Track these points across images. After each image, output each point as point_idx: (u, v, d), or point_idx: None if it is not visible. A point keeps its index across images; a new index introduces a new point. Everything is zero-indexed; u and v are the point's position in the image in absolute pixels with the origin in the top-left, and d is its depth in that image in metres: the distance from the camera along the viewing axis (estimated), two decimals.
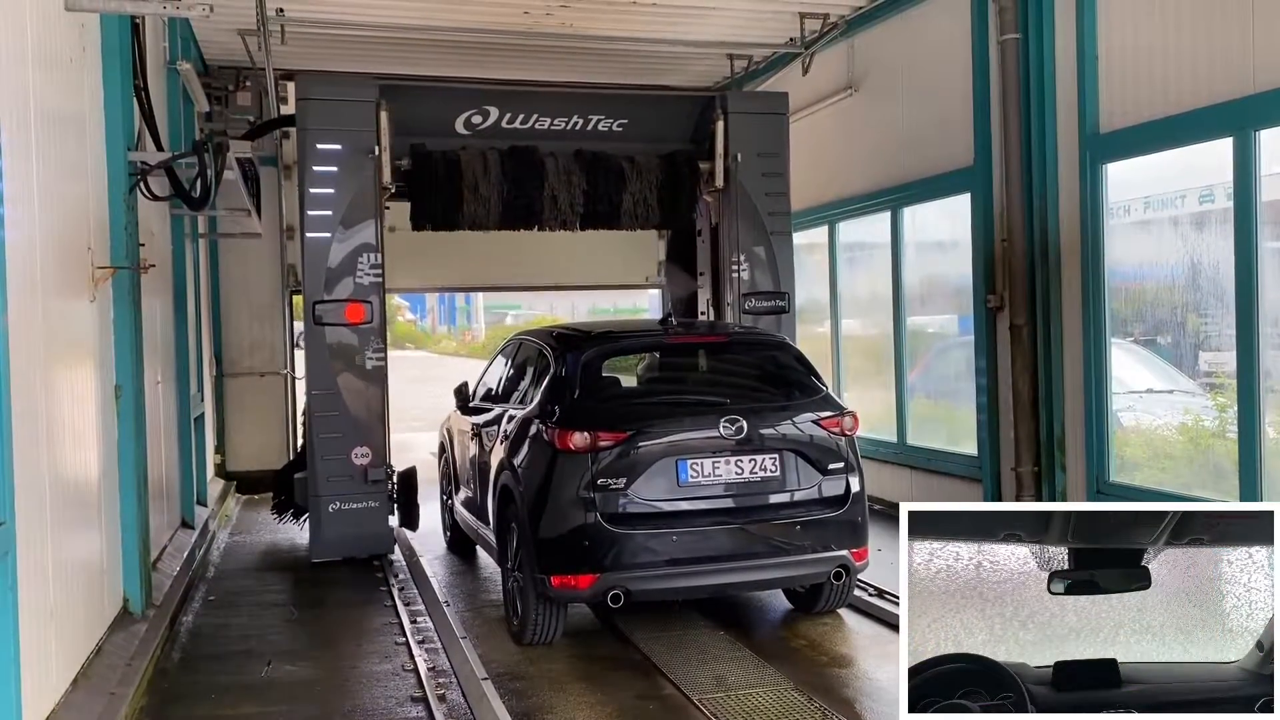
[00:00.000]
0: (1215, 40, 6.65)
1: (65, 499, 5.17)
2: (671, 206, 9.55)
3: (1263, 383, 6.38)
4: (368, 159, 8.45)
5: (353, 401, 8.42)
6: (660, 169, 9.47)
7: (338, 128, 8.41)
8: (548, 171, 9.13)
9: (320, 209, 8.37)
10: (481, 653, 6.11)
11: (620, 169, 9.33)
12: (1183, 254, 7.22)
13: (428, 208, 9.06)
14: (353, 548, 8.52)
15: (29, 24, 4.82)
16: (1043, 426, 8.10)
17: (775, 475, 6.25)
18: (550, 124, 9.39)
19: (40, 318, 4.80)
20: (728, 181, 9.38)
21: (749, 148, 9.36)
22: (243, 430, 12.75)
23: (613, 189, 9.30)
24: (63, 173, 5.39)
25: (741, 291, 9.33)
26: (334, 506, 8.39)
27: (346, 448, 8.41)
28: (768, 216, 9.40)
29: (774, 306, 9.41)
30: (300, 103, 8.54)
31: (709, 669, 5.92)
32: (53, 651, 4.77)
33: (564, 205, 9.22)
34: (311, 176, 8.39)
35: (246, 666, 6.12)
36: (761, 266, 9.41)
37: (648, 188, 9.40)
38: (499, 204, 9.08)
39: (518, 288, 17.74)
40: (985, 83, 8.64)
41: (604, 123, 9.52)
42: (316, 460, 8.41)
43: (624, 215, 9.45)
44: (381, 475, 8.52)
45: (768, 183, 9.43)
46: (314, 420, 8.47)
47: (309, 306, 8.40)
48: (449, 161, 8.99)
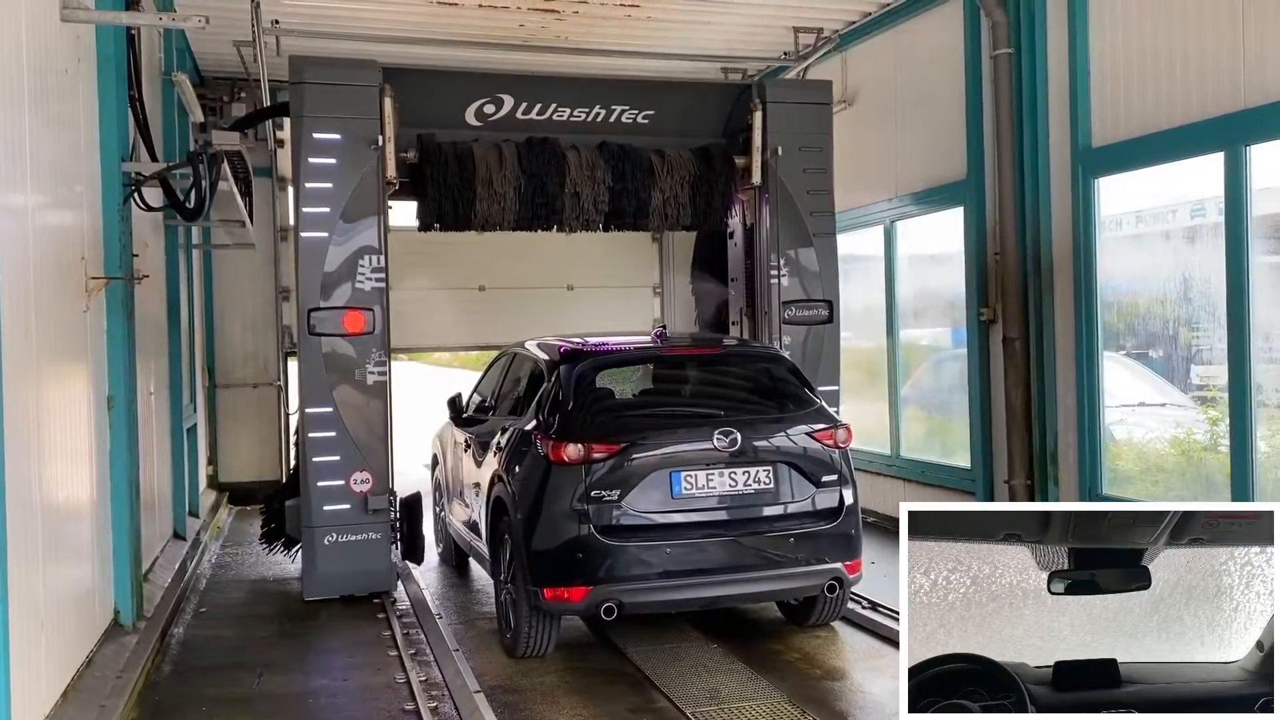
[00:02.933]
0: (1206, 56, 6.70)
1: (56, 510, 5.15)
2: (705, 205, 8.76)
3: (1254, 396, 6.41)
4: (370, 150, 7.61)
5: (352, 420, 7.58)
6: (693, 163, 8.69)
7: (337, 115, 7.58)
8: (570, 165, 8.32)
9: (317, 205, 7.55)
10: (474, 665, 6.10)
11: (649, 163, 8.55)
12: (1174, 268, 7.26)
13: (437, 205, 8.19)
14: (351, 584, 7.66)
15: (24, 34, 4.82)
16: (1036, 439, 8.11)
17: (769, 487, 6.25)
18: (569, 115, 8.61)
19: (34, 328, 4.79)
20: (766, 177, 8.60)
21: (790, 140, 8.57)
22: (235, 441, 12.70)
23: (641, 185, 8.51)
24: (57, 183, 5.38)
25: (782, 299, 8.55)
26: (330, 538, 7.53)
27: (344, 472, 7.57)
28: (809, 216, 8.63)
29: (816, 315, 8.62)
30: (295, 87, 7.64)
31: (702, 682, 5.91)
32: (43, 664, 4.74)
33: (587, 203, 8.40)
34: (307, 169, 7.55)
35: (238, 679, 6.09)
36: (802, 271, 8.63)
37: (679, 184, 8.62)
38: (515, 201, 8.25)
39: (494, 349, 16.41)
40: (978, 97, 8.69)
41: (628, 114, 8.71)
42: (310, 486, 7.54)
43: (653, 214, 8.67)
44: (384, 503, 7.67)
45: (810, 179, 8.65)
46: (308, 441, 7.58)
47: (303, 314, 7.57)
48: (460, 154, 8.18)
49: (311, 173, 7.56)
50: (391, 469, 7.85)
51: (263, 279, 12.62)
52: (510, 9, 9.54)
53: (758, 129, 8.57)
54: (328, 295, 7.56)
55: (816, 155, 8.68)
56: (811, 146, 8.66)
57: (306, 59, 7.86)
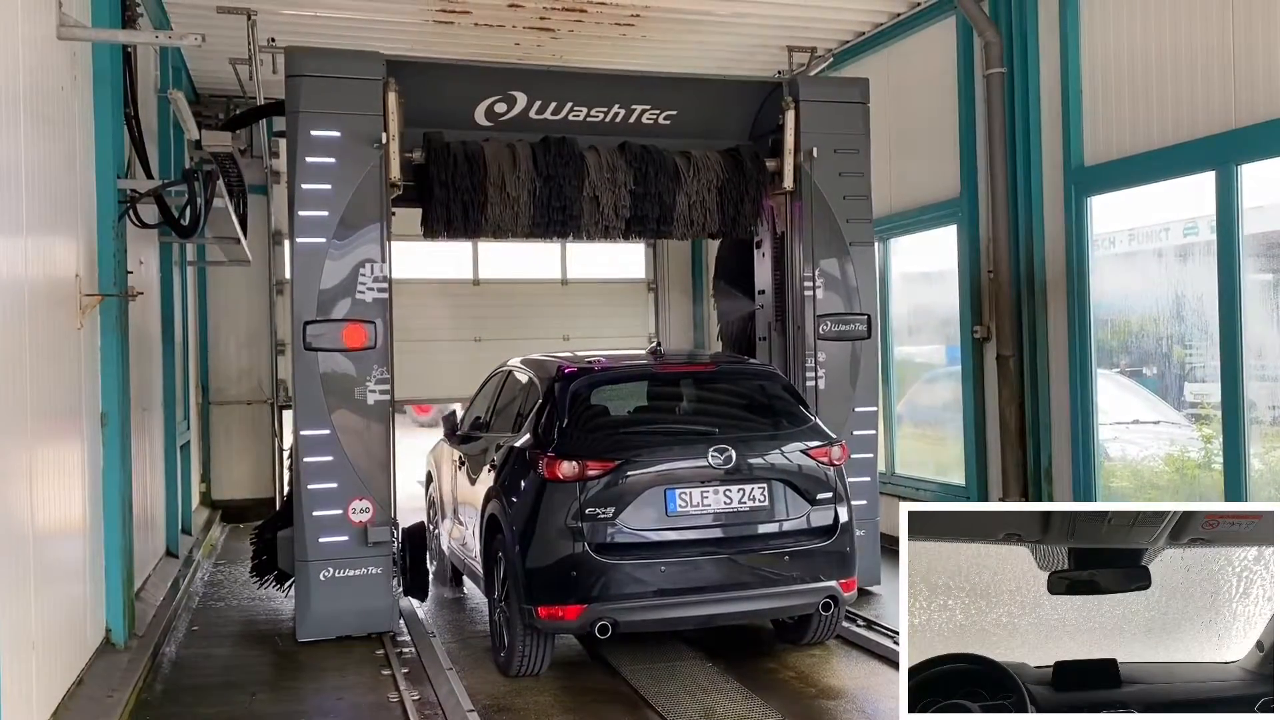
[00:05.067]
0: (1197, 75, 6.76)
1: (49, 528, 5.13)
2: (734, 211, 8.15)
3: (1247, 414, 6.43)
4: (372, 149, 7.03)
5: (351, 444, 6.97)
6: (721, 166, 8.08)
7: (336, 111, 7.00)
8: (589, 167, 7.72)
9: (314, 209, 6.97)
10: (468, 684, 6.07)
11: (674, 165, 7.94)
12: (1167, 286, 7.30)
13: (444, 210, 7.52)
14: (349, 624, 7.04)
15: (21, 52, 4.83)
16: (1030, 457, 8.13)
17: (764, 505, 6.24)
18: (587, 114, 8.02)
19: (27, 345, 4.78)
20: (798, 182, 8.03)
21: (825, 142, 7.99)
22: (228, 459, 12.69)
23: (665, 189, 7.86)
24: (52, 200, 5.38)
25: (817, 313, 8.00)
26: (326, 574, 6.91)
27: (342, 501, 6.95)
28: (846, 224, 8.06)
29: (854, 331, 8.07)
30: (291, 80, 7.05)
31: (697, 701, 5.88)
32: (33, 683, 4.71)
33: (607, 208, 7.78)
34: (304, 169, 6.96)
35: (230, 698, 6.05)
36: (837, 284, 8.05)
37: (706, 188, 8.01)
38: (530, 205, 7.63)
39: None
40: (971, 116, 8.75)
41: (649, 114, 8.14)
42: (305, 516, 6.91)
43: (677, 220, 8.03)
44: (385, 535, 7.04)
45: (846, 184, 8.09)
46: (302, 466, 6.95)
47: (298, 328, 6.96)
48: (470, 154, 7.56)
49: (308, 173, 6.98)
50: (394, 497, 7.25)
51: (257, 296, 12.63)
52: (506, 28, 9.60)
53: (790, 129, 7.98)
54: (325, 307, 6.99)
55: (853, 158, 8.15)
56: (848, 148, 8.12)
57: (304, 50, 7.34)
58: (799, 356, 8.06)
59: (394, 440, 7.23)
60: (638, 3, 9.25)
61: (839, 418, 7.75)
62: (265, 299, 12.63)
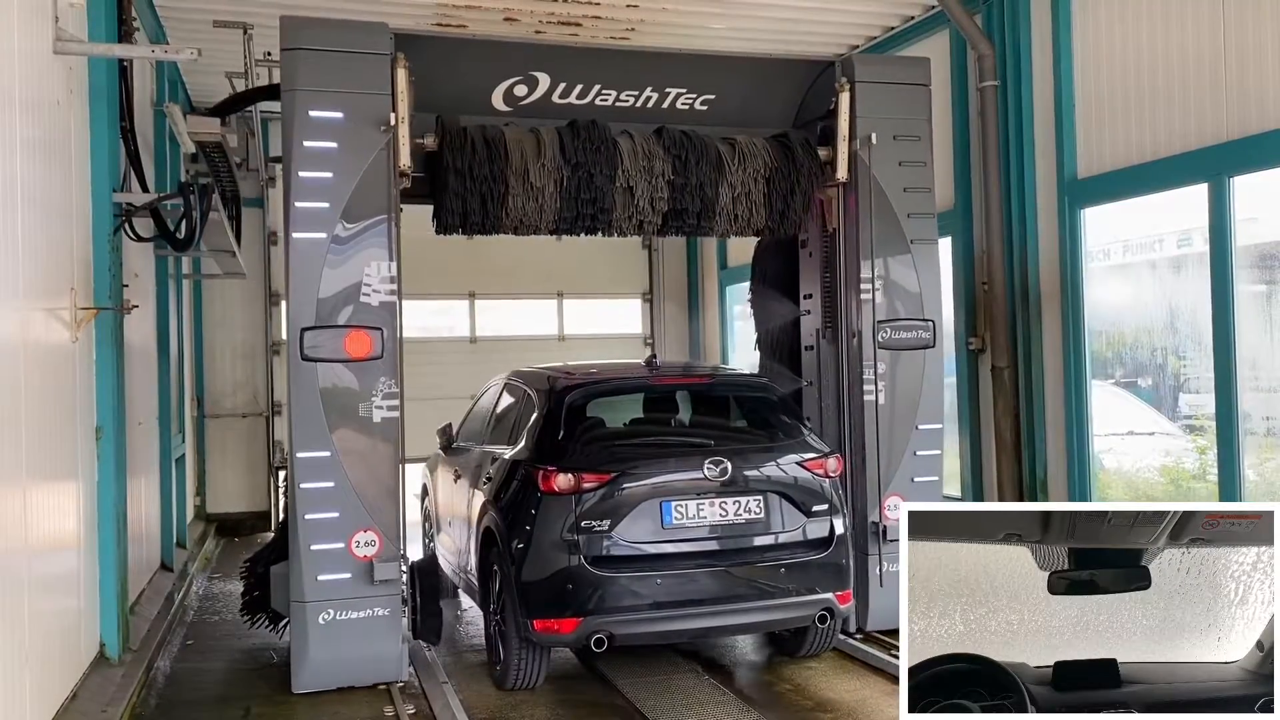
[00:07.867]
0: (1189, 89, 6.80)
1: (43, 541, 5.11)
2: (783, 205, 7.26)
3: (1242, 425, 6.45)
4: (379, 133, 6.21)
5: (354, 468, 6.16)
6: (769, 154, 7.20)
7: (339, 89, 6.17)
8: (622, 155, 6.85)
9: (312, 200, 6.13)
10: (463, 698, 6.05)
11: (717, 153, 7.08)
12: (1161, 297, 7.33)
13: (461, 202, 6.67)
14: (350, 674, 6.25)
15: (16, 66, 4.84)
16: (1025, 468, 8.13)
17: (759, 517, 6.24)
18: (616, 98, 7.23)
19: (22, 358, 4.77)
20: (853, 172, 7.21)
21: (884, 128, 7.16)
22: (223, 472, 12.68)
23: (707, 180, 7.00)
24: (47, 213, 5.38)
25: (876, 319, 7.16)
26: (325, 616, 6.09)
27: (345, 533, 6.14)
28: (907, 219, 7.23)
29: (917, 339, 7.23)
30: (288, 54, 6.22)
31: (693, 714, 5.86)
32: (27, 697, 4.68)
33: (642, 200, 6.93)
34: (301, 155, 6.14)
35: (224, 712, 6.03)
36: (896, 286, 7.23)
37: (752, 179, 7.14)
38: (556, 197, 6.78)
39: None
40: (965, 128, 8.78)
41: (685, 98, 7.36)
42: (302, 550, 6.09)
43: (720, 215, 7.16)
44: (393, 572, 6.19)
45: (907, 174, 7.26)
46: (299, 494, 6.15)
47: (295, 335, 6.16)
48: (490, 139, 6.71)
49: (306, 159, 6.15)
50: (403, 528, 6.39)
51: (252, 309, 12.64)
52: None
53: (844, 113, 7.13)
54: (325, 312, 6.18)
55: (915, 146, 7.31)
56: (909, 135, 7.29)
57: (303, 19, 6.49)
58: (854, 367, 7.26)
59: (403, 464, 6.39)
60: (634, 16, 9.30)
61: (901, 436, 7.16)
62: (261, 312, 12.65)
